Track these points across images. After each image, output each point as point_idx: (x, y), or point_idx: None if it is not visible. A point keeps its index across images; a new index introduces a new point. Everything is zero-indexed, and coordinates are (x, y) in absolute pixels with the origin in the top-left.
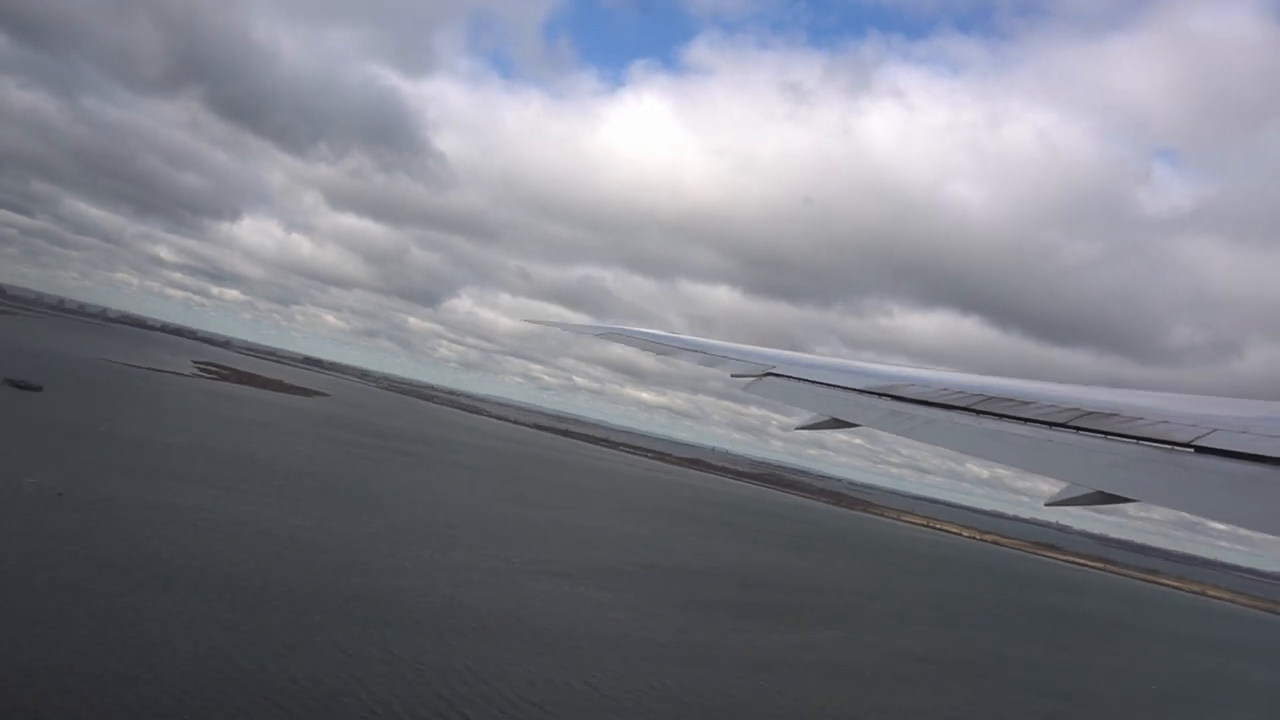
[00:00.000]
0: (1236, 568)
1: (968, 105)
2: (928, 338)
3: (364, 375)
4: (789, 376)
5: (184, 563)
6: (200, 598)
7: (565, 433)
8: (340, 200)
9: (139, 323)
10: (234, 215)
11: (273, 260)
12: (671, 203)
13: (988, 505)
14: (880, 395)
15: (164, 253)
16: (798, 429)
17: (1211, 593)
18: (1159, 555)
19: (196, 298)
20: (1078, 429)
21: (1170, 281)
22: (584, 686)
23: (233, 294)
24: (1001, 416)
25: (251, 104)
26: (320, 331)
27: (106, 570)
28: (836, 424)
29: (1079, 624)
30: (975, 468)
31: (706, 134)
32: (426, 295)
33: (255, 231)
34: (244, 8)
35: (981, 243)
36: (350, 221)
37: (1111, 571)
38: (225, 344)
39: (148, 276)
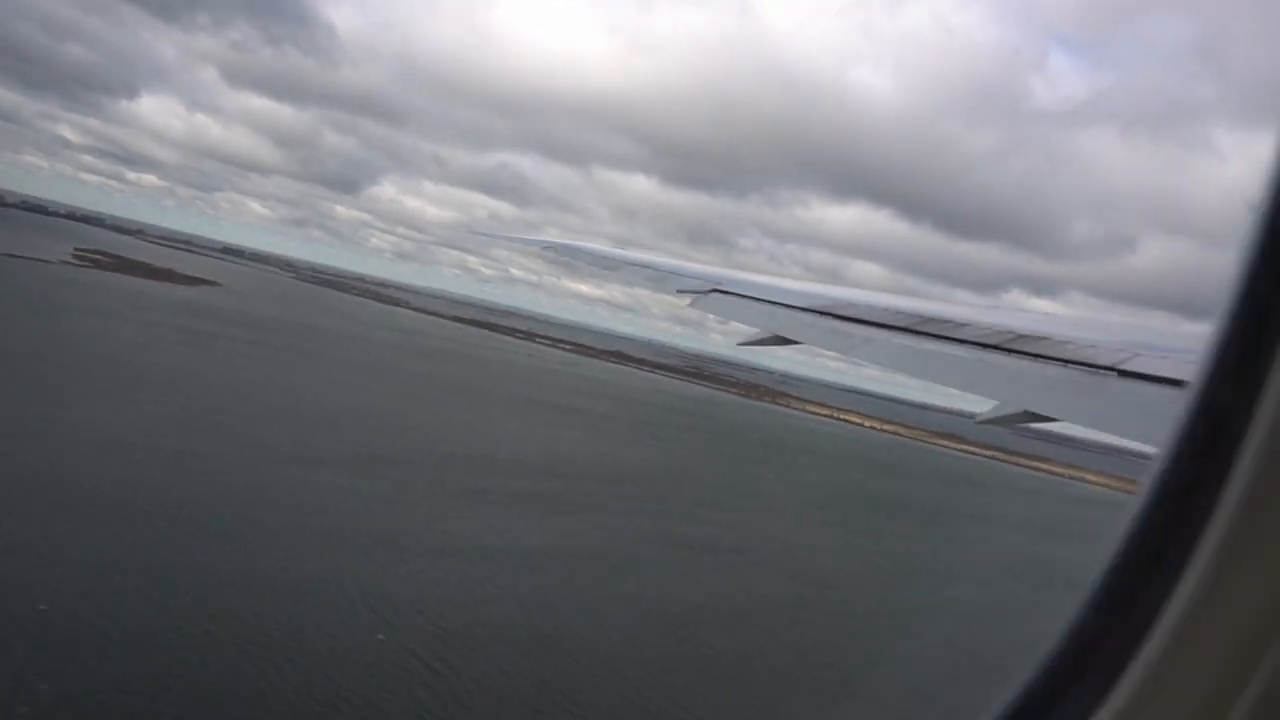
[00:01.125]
0: None
1: None
2: (844, 230)
3: (288, 266)
4: (734, 294)
5: None
6: None
7: (485, 325)
8: (238, 78)
9: (39, 208)
10: (131, 92)
11: (183, 143)
12: (575, 85)
13: (920, 399)
14: (822, 314)
15: (68, 133)
16: (740, 345)
17: (1090, 479)
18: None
19: (112, 183)
20: (1010, 351)
21: (1068, 175)
22: (227, 566)
23: (149, 179)
24: (939, 337)
25: None
26: (250, 220)
27: None
28: (779, 340)
29: (910, 509)
30: (907, 381)
31: (603, 10)
32: (346, 182)
33: (158, 110)
34: None
35: (886, 132)
36: (255, 102)
37: (1000, 460)
38: (137, 232)
39: (57, 159)
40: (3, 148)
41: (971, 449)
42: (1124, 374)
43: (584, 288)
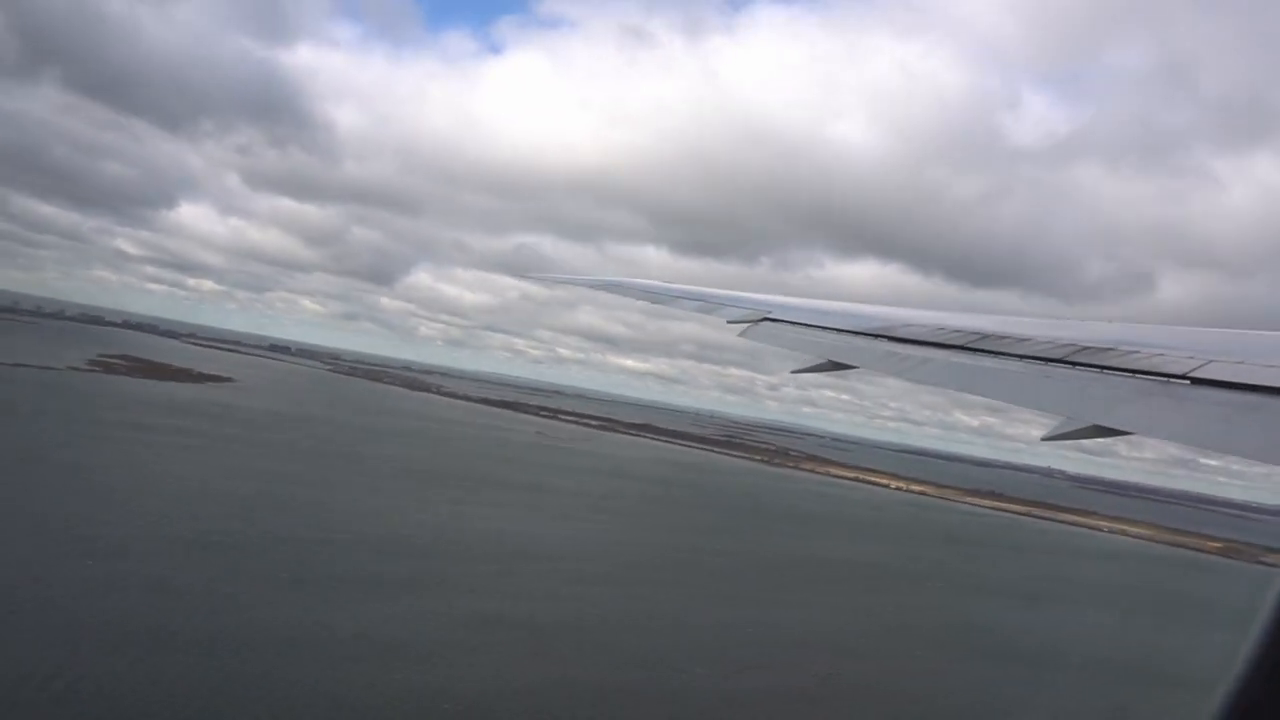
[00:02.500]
0: (1230, 503)
1: (826, 40)
2: (860, 287)
3: (334, 359)
4: (785, 320)
5: None
6: None
7: (511, 405)
8: (257, 181)
9: (96, 319)
10: (169, 203)
11: (226, 247)
12: (565, 163)
13: (979, 454)
14: (876, 336)
15: (125, 245)
16: (794, 372)
17: (1112, 528)
18: (1144, 493)
19: (177, 290)
20: (1074, 364)
21: (1066, 214)
22: None
23: (208, 284)
24: (998, 354)
25: (122, 82)
26: (305, 318)
27: None
28: (833, 366)
29: (837, 575)
30: (965, 416)
31: (580, 90)
32: (382, 274)
33: (197, 218)
34: None
35: (875, 185)
36: (280, 203)
37: (1036, 517)
38: (190, 335)
39: (122, 272)
40: (74, 265)
41: (1007, 506)
42: (1197, 382)
43: (630, 362)
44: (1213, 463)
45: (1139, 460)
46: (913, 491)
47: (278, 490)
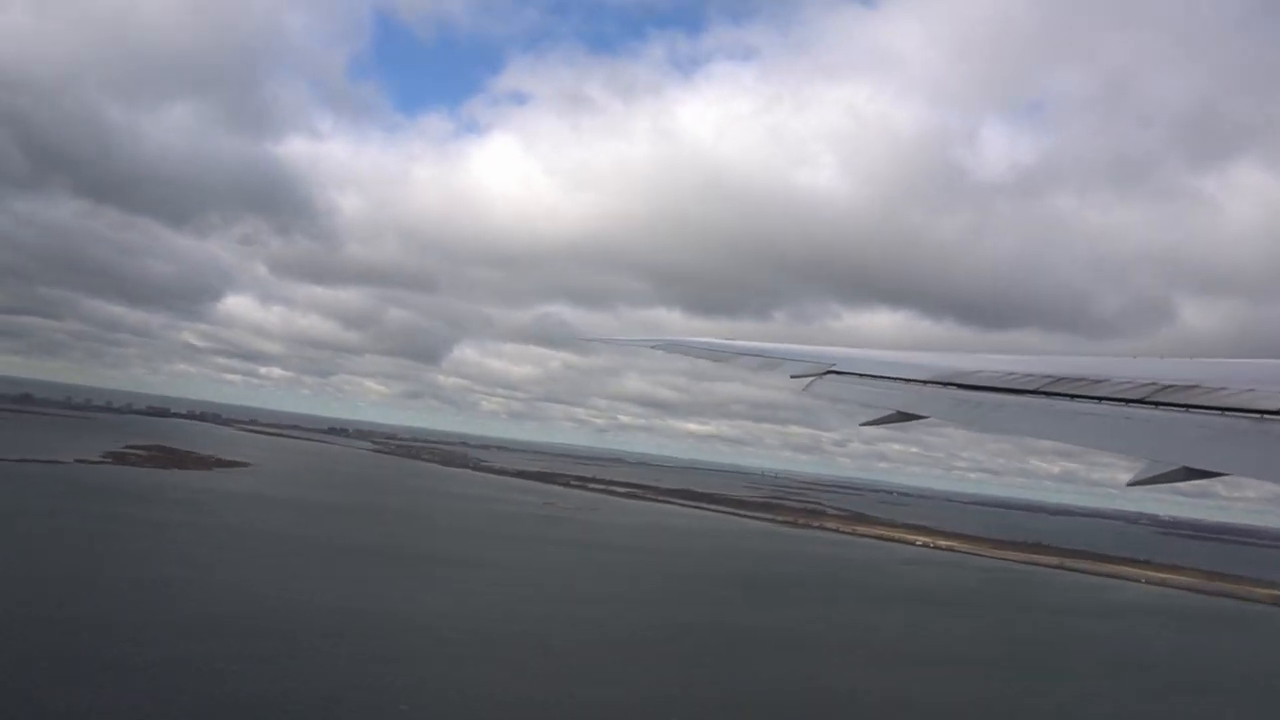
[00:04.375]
0: None
1: (767, 90)
2: (882, 335)
3: (390, 437)
4: (849, 373)
5: None
6: None
7: (545, 476)
8: (280, 269)
9: (161, 411)
10: (215, 295)
11: (278, 335)
12: (554, 231)
13: (1068, 501)
14: (945, 385)
15: (191, 339)
16: (862, 425)
17: (1151, 577)
18: (1239, 536)
19: (252, 379)
20: (1157, 404)
21: (1061, 246)
22: None
23: (277, 371)
24: (1074, 397)
25: (128, 185)
26: (374, 399)
27: None
28: (902, 417)
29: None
30: (1043, 463)
31: (551, 160)
32: (425, 352)
33: (244, 308)
34: (80, 97)
35: (853, 231)
36: (311, 290)
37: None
38: (251, 421)
39: (199, 364)
40: (156, 360)
41: (1040, 559)
42: None
43: (692, 425)
44: None
45: (1241, 500)
46: (938, 548)
47: (160, 574)
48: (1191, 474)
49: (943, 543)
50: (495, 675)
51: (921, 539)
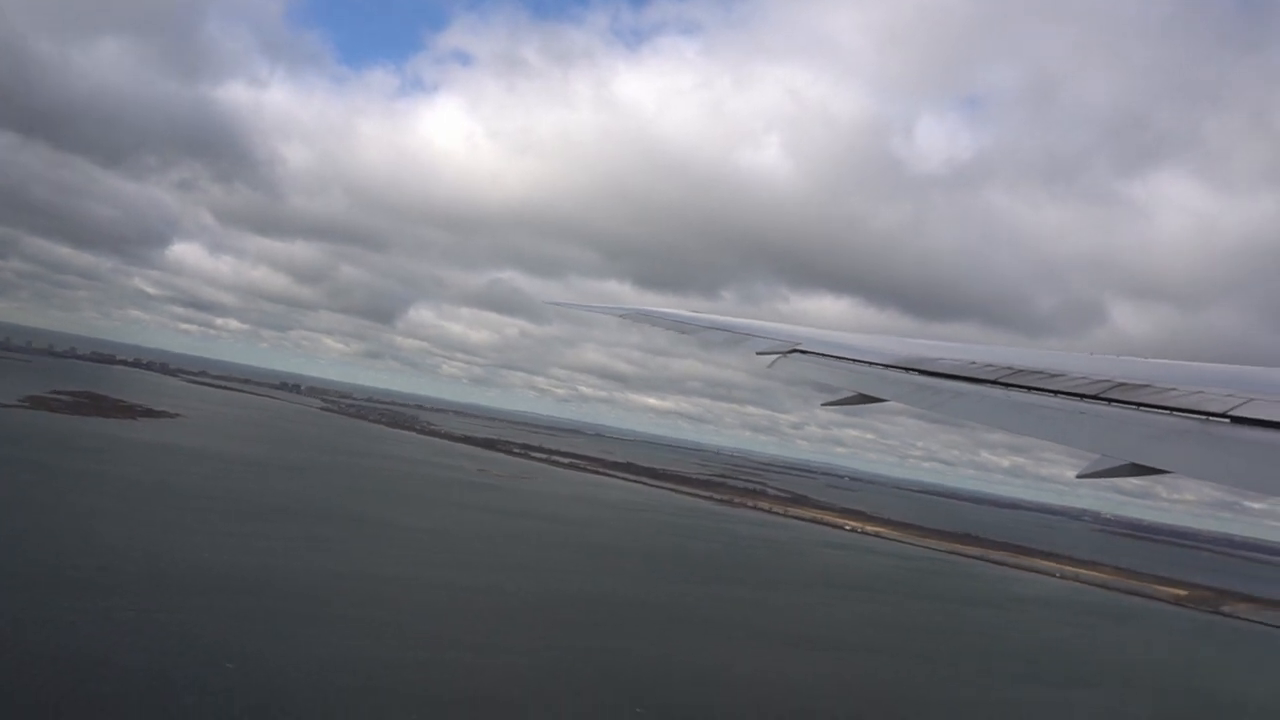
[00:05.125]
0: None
1: (710, 66)
2: (829, 319)
3: (343, 396)
4: (815, 353)
5: None
6: None
7: (489, 444)
8: (226, 218)
9: (108, 358)
10: (163, 241)
11: (230, 286)
12: (500, 197)
13: (1020, 495)
14: (908, 370)
15: (143, 285)
16: (824, 406)
17: (1066, 572)
18: (1176, 538)
19: (209, 330)
20: (1110, 400)
21: (1001, 243)
22: None
23: (234, 324)
24: (1031, 389)
25: (58, 120)
26: (334, 357)
27: None
28: (863, 399)
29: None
30: (993, 456)
31: (493, 123)
32: (381, 312)
33: (192, 256)
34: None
35: (795, 215)
36: (258, 241)
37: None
38: (200, 372)
39: (152, 312)
40: (108, 304)
41: (965, 549)
42: (1237, 420)
43: (653, 400)
44: (1257, 506)
45: (1181, 502)
46: (866, 533)
47: (45, 523)
48: (1138, 469)
49: (871, 528)
50: (362, 639)
51: (852, 524)
